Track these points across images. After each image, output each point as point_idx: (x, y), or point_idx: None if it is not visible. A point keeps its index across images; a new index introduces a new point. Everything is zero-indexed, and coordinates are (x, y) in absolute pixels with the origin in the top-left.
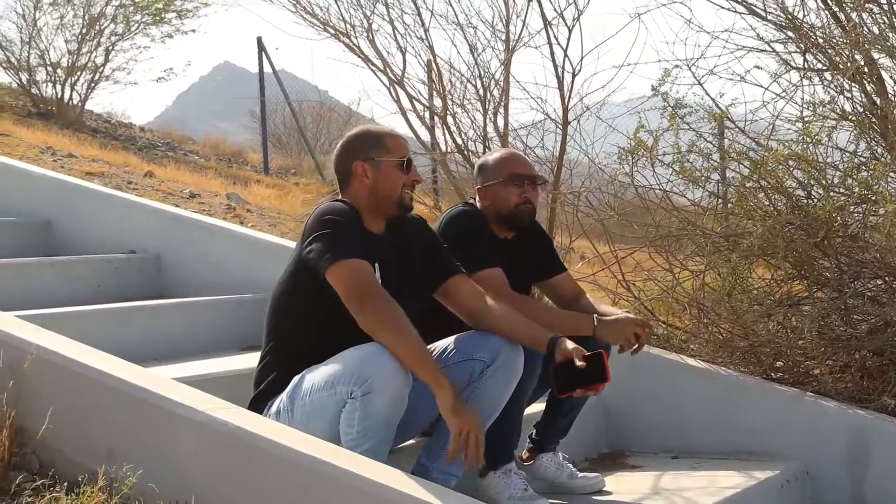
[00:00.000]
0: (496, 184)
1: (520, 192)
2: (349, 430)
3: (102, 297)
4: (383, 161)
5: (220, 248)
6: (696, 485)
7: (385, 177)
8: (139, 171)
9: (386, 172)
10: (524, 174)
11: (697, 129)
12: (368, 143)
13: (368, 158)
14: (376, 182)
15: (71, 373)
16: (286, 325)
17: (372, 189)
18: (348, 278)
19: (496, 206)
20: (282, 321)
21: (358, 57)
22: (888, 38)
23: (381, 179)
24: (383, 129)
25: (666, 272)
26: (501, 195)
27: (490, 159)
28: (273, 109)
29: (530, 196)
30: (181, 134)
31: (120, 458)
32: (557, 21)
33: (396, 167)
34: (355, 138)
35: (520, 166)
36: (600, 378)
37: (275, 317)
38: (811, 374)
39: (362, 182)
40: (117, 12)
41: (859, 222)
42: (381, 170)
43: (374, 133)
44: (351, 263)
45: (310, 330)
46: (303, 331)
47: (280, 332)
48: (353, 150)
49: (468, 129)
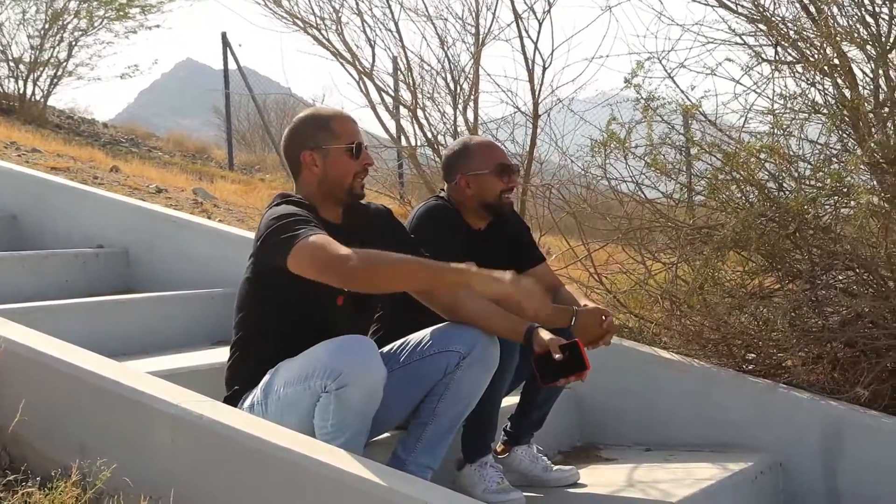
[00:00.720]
0: (484, 174)
1: (507, 181)
2: (324, 423)
3: (70, 293)
4: (332, 148)
5: (190, 243)
6: (671, 477)
7: (334, 165)
8: (104, 167)
9: (335, 160)
10: (510, 164)
11: (670, 122)
12: (316, 130)
13: (316, 147)
14: (325, 171)
15: (42, 366)
16: (253, 321)
17: (322, 178)
18: (309, 257)
19: (482, 195)
20: (248, 317)
21: (327, 50)
22: (858, 31)
23: (331, 168)
24: (330, 112)
25: (638, 265)
26: (489, 185)
27: (473, 147)
28: (237, 106)
29: (515, 185)
30: (145, 130)
31: (93, 452)
32: (528, 14)
33: (346, 153)
34: (302, 125)
35: (505, 156)
36: (580, 366)
37: (241, 313)
38: (783, 366)
39: (312, 171)
40: (80, 7)
41: (831, 214)
42: (329, 158)
43: (321, 118)
44: (304, 244)
45: (277, 325)
46: (270, 327)
47: (248, 328)
48: (300, 138)
49: (438, 122)
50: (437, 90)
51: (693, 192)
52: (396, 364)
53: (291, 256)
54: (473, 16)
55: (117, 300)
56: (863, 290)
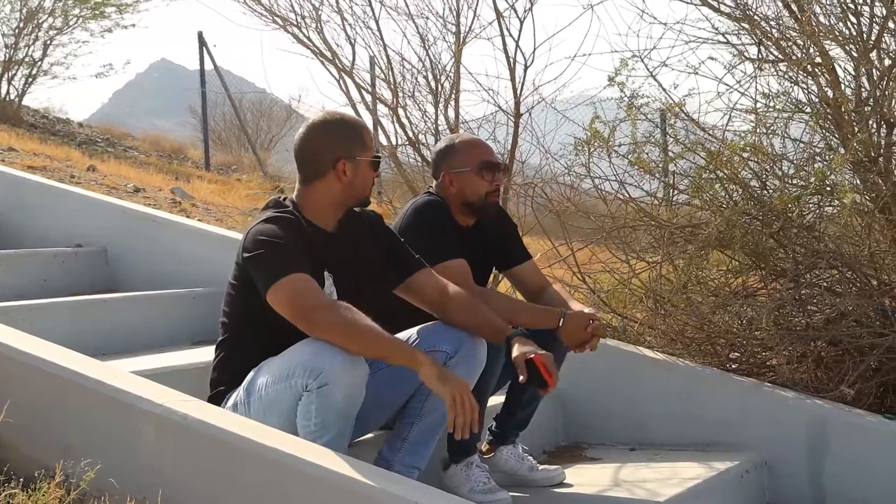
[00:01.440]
0: (468, 171)
1: (492, 180)
2: (306, 422)
3: (49, 292)
4: (363, 160)
5: (170, 242)
6: (657, 476)
7: (362, 177)
8: (81, 166)
9: (363, 172)
10: (495, 162)
11: (653, 121)
12: (352, 139)
13: (351, 157)
14: (353, 181)
15: (25, 366)
16: (239, 323)
17: (348, 187)
18: (286, 300)
19: (464, 194)
20: (234, 318)
21: (307, 48)
22: (840, 30)
23: (359, 178)
24: (358, 121)
25: (621, 264)
26: (472, 183)
27: (457, 144)
28: (213, 106)
29: (500, 184)
30: (120, 130)
31: (78, 452)
32: (509, 13)
33: (370, 166)
34: (335, 130)
35: (490, 154)
36: (543, 382)
37: (227, 314)
38: (767, 365)
39: (340, 180)
40: (55, 6)
41: (815, 213)
42: (359, 169)
43: (354, 126)
44: (285, 283)
45: (262, 327)
46: (255, 328)
47: (234, 329)
48: (337, 144)
49: (419, 121)
50: (418, 89)
51: (676, 191)
52: (383, 363)
53: (270, 294)
54: (454, 14)
55: (98, 299)
56: (846, 289)
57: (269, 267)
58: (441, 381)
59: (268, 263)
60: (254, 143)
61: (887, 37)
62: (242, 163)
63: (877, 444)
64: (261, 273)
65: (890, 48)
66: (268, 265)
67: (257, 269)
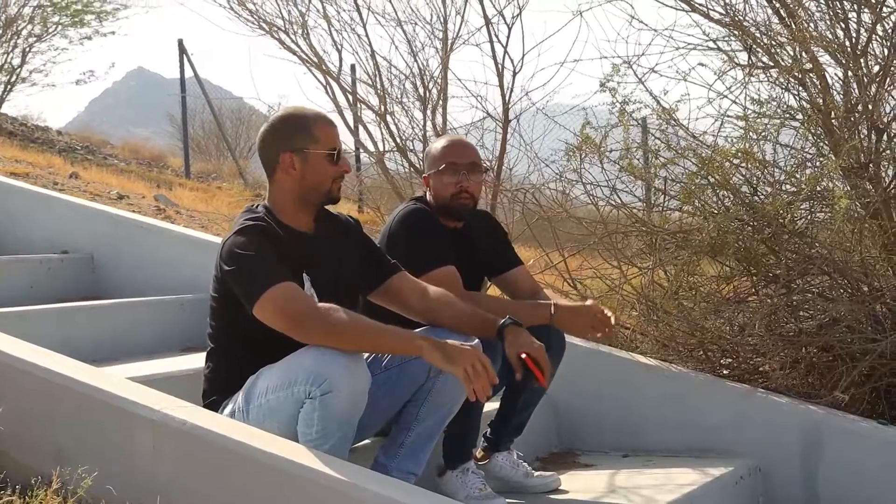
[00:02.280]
0: (435, 172)
1: (455, 181)
2: (308, 430)
3: (35, 299)
4: (312, 153)
5: (157, 248)
6: (653, 482)
7: (313, 170)
8: (64, 173)
9: (315, 165)
10: (460, 163)
11: (645, 126)
12: (296, 132)
13: (296, 149)
14: (304, 175)
15: (19, 372)
16: (228, 330)
17: (299, 182)
18: (274, 312)
19: (436, 195)
20: (223, 327)
21: (294, 54)
22: (829, 37)
23: (310, 172)
24: (311, 114)
25: (613, 269)
26: (439, 184)
27: (435, 146)
28: (191, 114)
29: (466, 185)
30: (99, 138)
31: (72, 459)
32: (497, 19)
33: (326, 159)
34: (282, 125)
35: (457, 154)
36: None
37: (215, 322)
38: (759, 371)
39: (289, 174)
40: (35, 13)
41: (806, 219)
42: (309, 162)
43: (303, 120)
44: (269, 296)
45: (252, 335)
46: (246, 336)
47: (223, 337)
48: (280, 138)
49: (406, 127)
50: (406, 95)
51: (667, 197)
52: (378, 368)
53: (256, 308)
54: (442, 20)
55: (86, 306)
56: (838, 295)
57: (251, 281)
58: (447, 361)
59: (248, 278)
60: (234, 151)
61: (875, 43)
62: (222, 171)
63: (871, 450)
64: (243, 289)
65: (879, 54)
66: (248, 280)
67: (238, 284)
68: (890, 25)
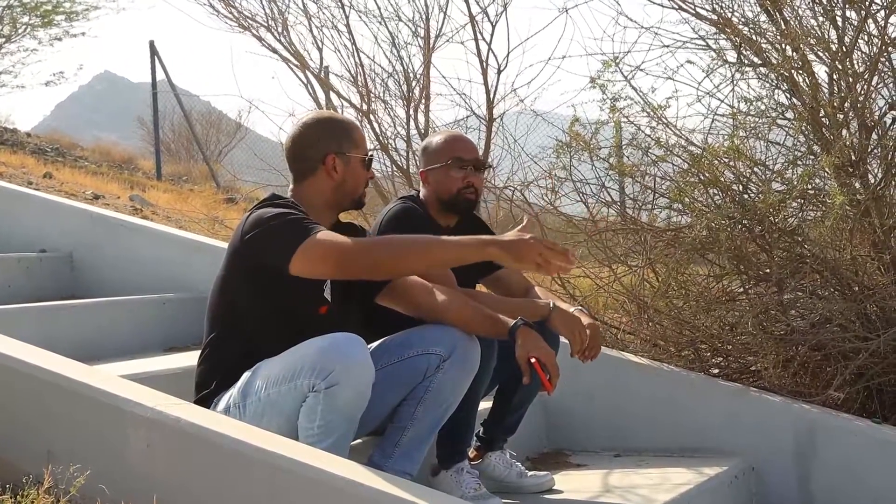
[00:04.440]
0: (439, 167)
1: (462, 176)
2: (310, 425)
3: (13, 298)
4: (353, 157)
5: (138, 247)
6: (647, 482)
7: (352, 173)
8: (37, 173)
9: (354, 169)
10: (467, 158)
11: (636, 123)
12: (341, 135)
13: (340, 152)
14: (344, 178)
15: (6, 369)
16: (229, 322)
17: (338, 184)
18: (322, 255)
19: (438, 191)
20: (224, 317)
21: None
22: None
23: (349, 176)
24: (348, 120)
25: (602, 267)
26: (443, 180)
27: (434, 141)
28: (161, 116)
29: (473, 181)
30: (69, 140)
31: (62, 458)
32: (482, 16)
33: (362, 164)
34: (324, 126)
35: (463, 150)
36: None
37: (216, 313)
38: (751, 370)
39: (330, 175)
40: (4, 13)
41: (797, 217)
42: (350, 166)
43: (344, 123)
44: (314, 241)
45: (255, 327)
46: (247, 328)
47: (223, 329)
48: (325, 139)
49: (389, 126)
50: (389, 93)
51: (657, 195)
52: (375, 366)
53: (298, 256)
54: (424, 18)
55: (66, 305)
56: (830, 293)
57: (291, 233)
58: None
59: (287, 230)
60: (206, 154)
61: (862, 41)
62: (192, 173)
63: (865, 449)
64: (279, 243)
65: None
66: (287, 232)
67: (274, 240)
68: (877, 23)
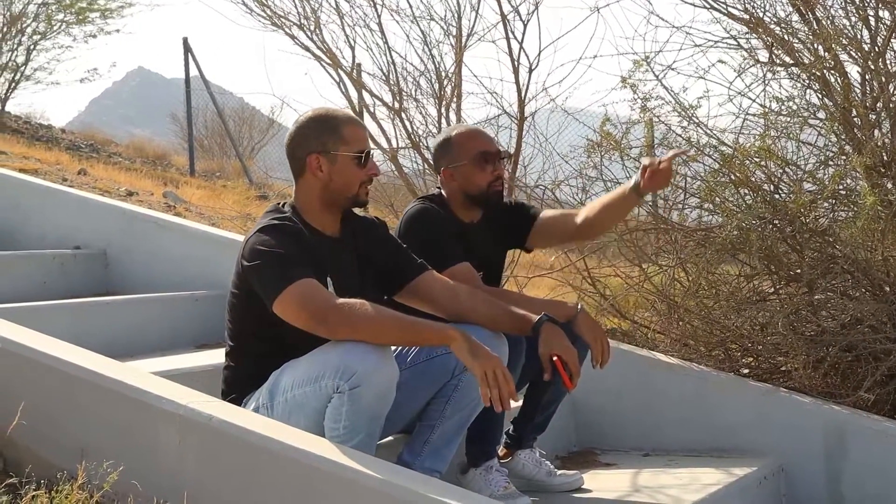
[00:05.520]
0: (465, 164)
1: (492, 170)
2: (335, 425)
3: (48, 294)
4: (340, 155)
5: (170, 244)
6: (677, 482)
7: (341, 172)
8: (72, 169)
9: (342, 168)
10: (493, 151)
11: (667, 123)
12: (325, 133)
13: (324, 151)
14: (331, 177)
15: (38, 366)
16: (247, 327)
17: (326, 184)
18: (296, 308)
19: (465, 188)
20: (241, 323)
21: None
22: (850, 34)
23: (337, 175)
24: (341, 114)
25: (633, 267)
26: (471, 176)
27: (453, 137)
28: (194, 112)
29: (500, 172)
30: (103, 136)
31: (95, 455)
32: (513, 15)
33: (354, 162)
34: (311, 124)
35: (487, 143)
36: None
37: (233, 318)
38: (781, 371)
39: (316, 176)
40: (39, 11)
41: (829, 217)
42: (337, 165)
43: (332, 121)
44: (291, 291)
45: (272, 331)
46: (265, 332)
47: (243, 333)
48: (308, 139)
49: (420, 124)
50: (420, 91)
51: (688, 195)
52: (403, 364)
53: (277, 305)
54: (456, 16)
55: (100, 301)
56: (861, 294)
57: (272, 277)
58: (472, 356)
59: (270, 274)
60: (238, 150)
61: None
62: (226, 169)
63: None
64: (264, 284)
65: None
66: (270, 276)
67: (260, 280)
68: None
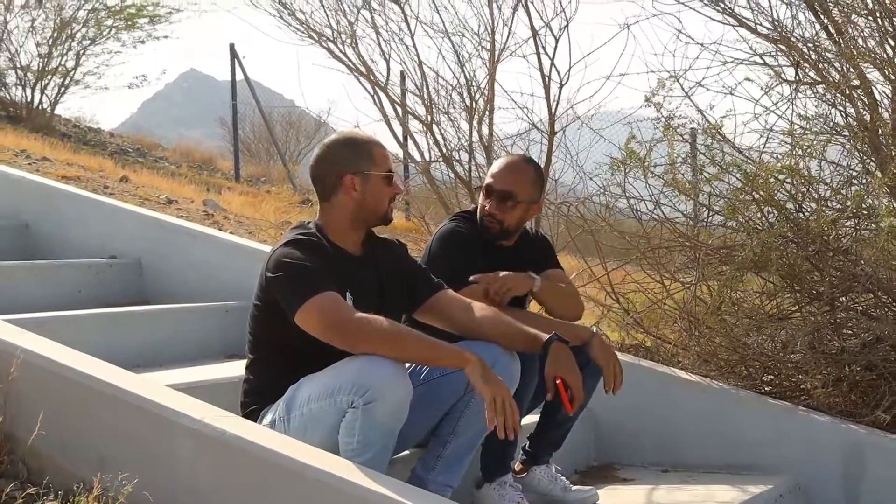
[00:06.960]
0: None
1: (483, 202)
2: (349, 440)
3: (83, 303)
4: (372, 175)
5: (204, 255)
6: (692, 499)
7: (373, 191)
8: (114, 176)
9: (374, 186)
10: (482, 185)
11: (690, 141)
12: (358, 155)
13: (359, 171)
14: (364, 196)
15: (61, 378)
16: (267, 339)
17: (359, 203)
18: (316, 320)
19: None
20: (262, 336)
21: (342, 63)
22: (877, 53)
23: (370, 193)
24: (368, 138)
25: (656, 283)
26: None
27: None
28: (242, 117)
29: (489, 208)
30: (151, 140)
31: (113, 466)
32: (545, 31)
33: (383, 180)
34: (343, 147)
35: (489, 176)
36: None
37: (255, 331)
38: (801, 389)
39: (350, 195)
40: (89, 17)
41: (851, 236)
42: (369, 184)
43: (362, 143)
44: (313, 303)
45: (291, 343)
46: (285, 345)
47: (263, 346)
48: (342, 160)
49: (452, 137)
50: (453, 105)
51: (711, 213)
52: (417, 381)
53: (298, 315)
54: (489, 31)
55: (132, 311)
56: (883, 314)
57: (295, 289)
58: (484, 380)
59: (293, 285)
60: (284, 156)
61: None
62: (271, 174)
63: None
64: (287, 296)
65: None
66: (293, 287)
67: (283, 291)
68: None
